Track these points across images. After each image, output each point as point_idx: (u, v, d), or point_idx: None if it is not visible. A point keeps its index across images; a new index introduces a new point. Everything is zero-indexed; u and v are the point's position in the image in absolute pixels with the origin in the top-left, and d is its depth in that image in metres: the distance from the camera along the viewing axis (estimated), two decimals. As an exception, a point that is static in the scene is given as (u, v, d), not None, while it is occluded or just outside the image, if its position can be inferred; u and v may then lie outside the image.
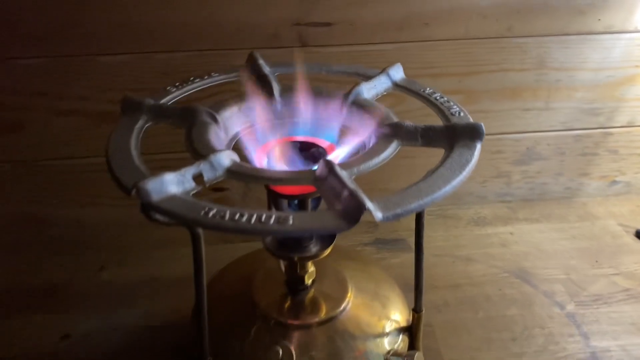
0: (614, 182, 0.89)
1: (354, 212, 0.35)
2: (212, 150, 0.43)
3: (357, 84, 0.53)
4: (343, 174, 0.39)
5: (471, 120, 0.48)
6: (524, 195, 0.87)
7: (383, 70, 0.56)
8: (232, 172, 0.41)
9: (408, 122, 0.45)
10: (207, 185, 0.40)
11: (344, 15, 0.71)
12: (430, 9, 0.72)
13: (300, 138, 0.51)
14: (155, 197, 0.37)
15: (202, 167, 0.41)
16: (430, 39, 0.74)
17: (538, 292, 0.75)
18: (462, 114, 0.49)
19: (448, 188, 0.38)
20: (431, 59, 0.76)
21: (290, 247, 0.53)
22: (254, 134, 0.51)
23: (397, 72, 0.56)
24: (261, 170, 0.42)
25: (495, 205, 0.90)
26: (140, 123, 0.47)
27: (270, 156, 0.49)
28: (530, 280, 0.76)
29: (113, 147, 0.43)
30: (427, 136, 0.46)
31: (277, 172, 0.43)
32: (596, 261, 0.79)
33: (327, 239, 0.53)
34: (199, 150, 0.43)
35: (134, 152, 0.43)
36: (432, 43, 0.75)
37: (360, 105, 0.52)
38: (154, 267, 0.75)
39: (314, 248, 0.53)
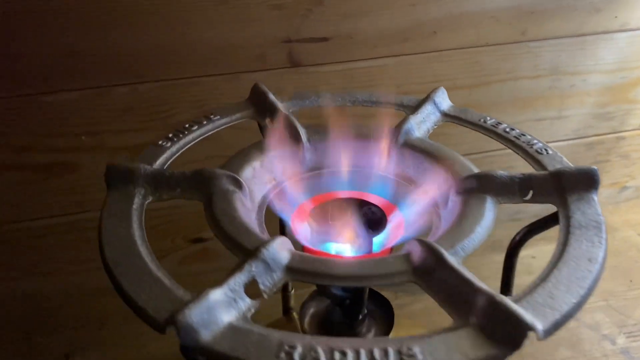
0: (624, 188, 0.82)
1: (510, 335, 0.23)
2: (257, 239, 0.32)
3: (405, 119, 0.43)
4: (459, 266, 0.29)
5: (563, 158, 0.38)
6: (536, 212, 0.78)
7: (427, 98, 0.45)
8: (295, 271, 0.29)
9: (500, 172, 0.36)
10: (267, 297, 0.27)
11: (341, 29, 0.60)
12: (439, 16, 0.62)
13: (344, 194, 0.41)
14: (204, 334, 0.24)
15: (255, 270, 0.28)
16: (438, 49, 0.64)
17: (581, 326, 0.66)
18: (549, 151, 0.39)
19: (597, 268, 0.27)
20: (438, 71, 0.66)
21: (335, 330, 0.41)
22: (285, 196, 0.40)
23: (443, 99, 0.47)
24: (331, 263, 0.31)
25: (508, 226, 0.81)
26: (137, 200, 0.34)
27: (316, 224, 0.38)
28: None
29: (111, 245, 0.31)
30: (527, 188, 0.37)
31: (355, 264, 0.31)
32: (630, 281, 0.72)
33: (382, 319, 0.41)
34: (241, 242, 0.32)
35: (143, 250, 0.30)
36: (439, 54, 0.65)
37: (414, 147, 0.42)
38: (135, 349, 0.60)
39: (366, 332, 0.41)
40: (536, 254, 0.77)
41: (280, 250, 0.31)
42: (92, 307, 0.66)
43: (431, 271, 0.29)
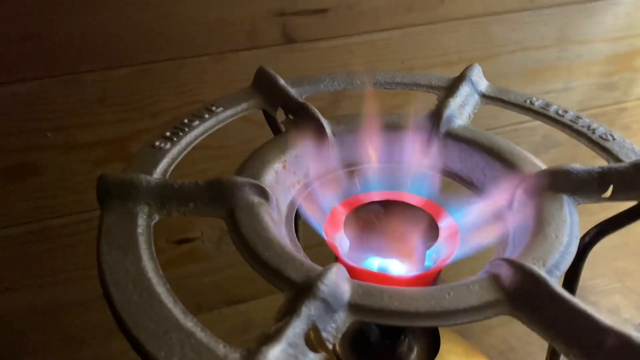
0: (625, 160, 0.79)
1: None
2: (304, 268, 0.26)
3: (443, 103, 0.38)
4: (567, 295, 0.24)
5: (633, 145, 0.33)
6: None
7: (462, 77, 0.41)
8: (361, 309, 0.25)
9: (577, 166, 0.32)
10: (331, 346, 0.21)
11: (339, -1, 0.53)
12: (446, -19, 0.55)
13: (381, 195, 0.36)
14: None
15: (314, 313, 0.21)
16: (445, 19, 0.58)
17: (601, 310, 0.63)
18: (614, 136, 0.34)
19: None
20: (446, 44, 0.60)
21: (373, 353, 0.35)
22: (314, 200, 0.35)
23: (480, 78, 0.42)
24: (403, 295, 0.25)
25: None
26: (142, 222, 0.27)
27: (353, 234, 0.34)
28: (586, 295, 0.64)
29: (120, 288, 0.25)
30: (606, 183, 0.32)
31: (432, 295, 0.26)
32: (644, 259, 0.68)
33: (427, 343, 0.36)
34: (288, 275, 0.26)
35: (162, 292, 0.23)
36: (446, 24, 0.59)
37: (458, 137, 0.37)
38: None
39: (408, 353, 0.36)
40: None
41: (339, 282, 0.25)
42: (69, 324, 0.58)
43: (532, 302, 0.24)
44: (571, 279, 0.34)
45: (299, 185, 0.35)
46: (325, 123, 0.36)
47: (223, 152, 0.56)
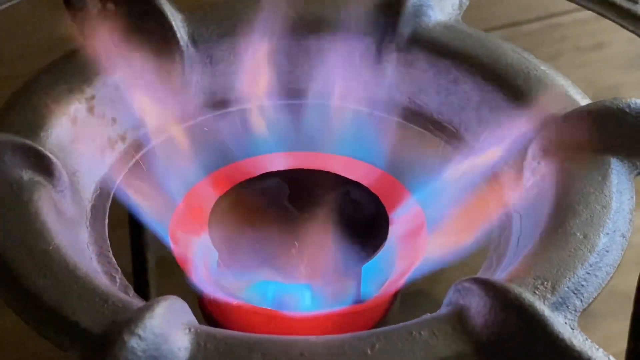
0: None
1: None
2: (111, 304, 0.19)
3: None
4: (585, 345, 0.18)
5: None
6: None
7: None
8: None
9: (636, 100, 0.23)
10: None
11: None
12: None
13: (284, 161, 0.27)
14: None
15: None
16: None
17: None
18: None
19: None
20: None
21: None
22: (149, 174, 0.26)
23: None
24: (291, 355, 0.18)
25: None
26: None
27: (226, 239, 0.24)
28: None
29: None
30: None
31: (338, 346, 0.19)
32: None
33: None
34: (75, 320, 0.19)
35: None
36: None
37: (434, 45, 0.27)
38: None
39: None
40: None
41: (169, 333, 0.18)
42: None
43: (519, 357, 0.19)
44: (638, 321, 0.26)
45: (122, 144, 0.26)
46: (175, 20, 0.27)
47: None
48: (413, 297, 0.29)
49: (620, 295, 0.43)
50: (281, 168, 0.27)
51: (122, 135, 0.27)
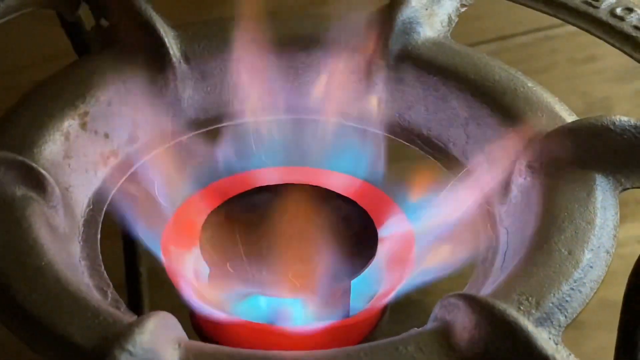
0: None
1: None
2: (102, 319, 0.19)
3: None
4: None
5: None
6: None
7: None
8: None
9: (623, 119, 0.24)
10: None
11: None
12: None
13: (276, 176, 0.27)
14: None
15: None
16: None
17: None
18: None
19: None
20: None
21: None
22: (142, 188, 0.26)
23: None
24: None
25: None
26: None
27: (217, 254, 0.25)
28: None
29: None
30: None
31: None
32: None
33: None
34: (66, 334, 0.19)
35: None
36: None
37: (423, 62, 0.27)
38: None
39: None
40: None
41: (159, 348, 0.18)
42: None
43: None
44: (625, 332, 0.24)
45: (114, 159, 0.27)
46: (168, 36, 0.28)
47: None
48: (404, 307, 0.28)
49: (611, 306, 0.43)
50: (272, 183, 0.28)
51: (115, 150, 0.27)
